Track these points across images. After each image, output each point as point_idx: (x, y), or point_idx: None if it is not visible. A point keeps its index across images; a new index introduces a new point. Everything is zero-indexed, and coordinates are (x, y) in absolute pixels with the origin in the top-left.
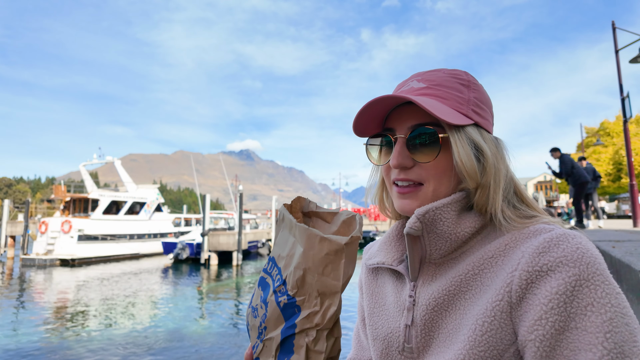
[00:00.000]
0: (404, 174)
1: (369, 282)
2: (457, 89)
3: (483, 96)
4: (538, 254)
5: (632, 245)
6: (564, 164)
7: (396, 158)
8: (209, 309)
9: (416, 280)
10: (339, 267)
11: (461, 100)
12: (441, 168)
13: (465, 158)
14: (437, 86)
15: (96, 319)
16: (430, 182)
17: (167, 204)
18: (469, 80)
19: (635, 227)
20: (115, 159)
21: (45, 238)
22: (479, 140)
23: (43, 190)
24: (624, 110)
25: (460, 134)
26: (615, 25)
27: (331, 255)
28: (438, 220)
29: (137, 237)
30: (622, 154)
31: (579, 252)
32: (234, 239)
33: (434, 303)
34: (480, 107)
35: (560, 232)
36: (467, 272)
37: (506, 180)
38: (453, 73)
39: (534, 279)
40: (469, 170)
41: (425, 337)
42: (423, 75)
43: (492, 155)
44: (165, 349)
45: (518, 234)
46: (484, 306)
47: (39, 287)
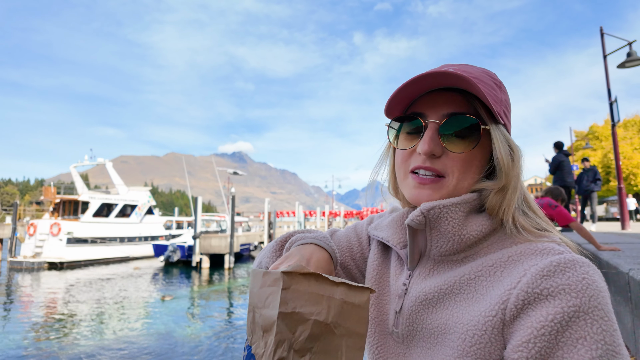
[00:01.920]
0: (430, 162)
1: (378, 254)
2: (493, 87)
3: (509, 99)
4: (541, 277)
5: (620, 247)
6: (552, 163)
7: (428, 143)
8: (200, 313)
9: (413, 270)
10: (277, 296)
11: (497, 99)
12: (470, 161)
13: (505, 153)
14: (476, 79)
15: (85, 322)
16: (454, 174)
17: (158, 206)
18: (500, 82)
19: (624, 230)
20: (106, 160)
21: (33, 241)
22: (511, 140)
23: (32, 192)
24: (612, 114)
25: (499, 129)
26: (604, 30)
27: (271, 286)
28: (443, 219)
29: (127, 240)
30: (610, 157)
31: (584, 283)
32: (226, 242)
33: (422, 297)
34: (508, 110)
35: (570, 258)
36: (463, 275)
37: (521, 184)
38: (486, 71)
39: (531, 301)
40: (506, 166)
41: (410, 327)
42: (458, 67)
43: (518, 156)
44: (156, 353)
45: (525, 248)
46: (476, 317)
47: (26, 290)
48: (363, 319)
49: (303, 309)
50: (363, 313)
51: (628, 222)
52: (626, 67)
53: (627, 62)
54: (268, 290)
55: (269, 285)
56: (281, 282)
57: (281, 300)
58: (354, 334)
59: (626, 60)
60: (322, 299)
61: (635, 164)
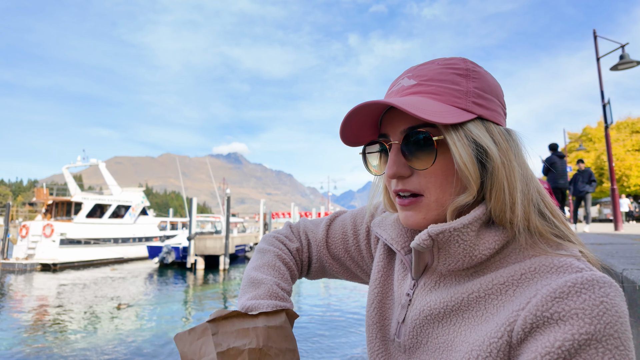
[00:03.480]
0: (402, 184)
1: (383, 255)
2: (453, 81)
3: (486, 84)
4: (553, 299)
5: (613, 248)
6: (544, 164)
7: (390, 167)
8: (195, 314)
9: (418, 280)
10: (210, 342)
11: (458, 94)
12: (443, 174)
13: (468, 160)
14: (428, 81)
15: (77, 324)
16: (431, 191)
17: (152, 207)
18: (467, 69)
19: (617, 231)
20: (100, 161)
21: (25, 242)
22: (481, 137)
23: (25, 193)
24: (605, 116)
25: (459, 132)
26: (597, 33)
27: (201, 337)
28: (454, 242)
29: (121, 241)
30: (603, 159)
31: (602, 308)
32: (221, 243)
33: (427, 311)
34: (482, 97)
35: (588, 277)
36: (472, 292)
37: (525, 180)
38: (448, 63)
39: (540, 325)
40: (472, 172)
41: (413, 339)
42: (414, 71)
43: (502, 151)
44: (151, 355)
45: (540, 264)
46: (482, 338)
47: (18, 292)
48: (289, 337)
49: (235, 343)
50: (287, 332)
51: (621, 223)
52: (619, 70)
53: (620, 65)
54: (199, 342)
55: (198, 338)
56: (209, 330)
57: (215, 344)
58: (286, 351)
59: (619, 62)
60: (248, 331)
61: (628, 165)
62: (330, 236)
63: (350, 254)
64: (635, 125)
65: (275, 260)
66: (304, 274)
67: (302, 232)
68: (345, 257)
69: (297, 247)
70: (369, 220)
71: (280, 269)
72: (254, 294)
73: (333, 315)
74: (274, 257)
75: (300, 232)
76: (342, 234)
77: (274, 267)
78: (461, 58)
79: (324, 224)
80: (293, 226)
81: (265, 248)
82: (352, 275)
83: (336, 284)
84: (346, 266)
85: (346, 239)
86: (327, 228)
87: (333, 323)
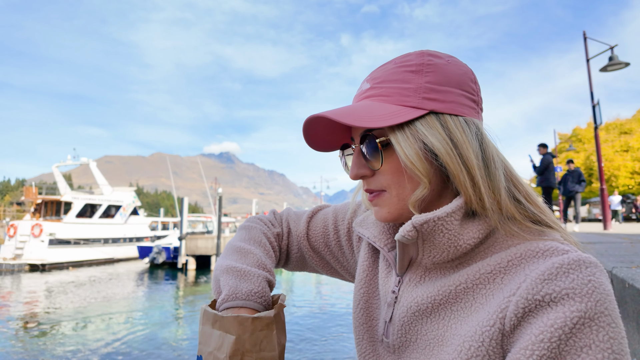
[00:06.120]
0: (366, 183)
1: (368, 254)
2: (403, 80)
3: (443, 76)
4: (542, 281)
5: (602, 247)
6: (541, 163)
7: (352, 169)
8: (186, 315)
9: (402, 276)
10: (273, 339)
11: (407, 92)
12: (395, 172)
13: (414, 156)
14: (380, 84)
15: (66, 325)
16: (391, 187)
17: (143, 207)
18: (421, 64)
19: (605, 230)
20: (90, 160)
21: (13, 242)
22: (426, 133)
23: (13, 193)
24: (595, 117)
25: (404, 132)
26: (587, 35)
27: (264, 330)
28: (438, 232)
29: (112, 241)
30: (593, 159)
31: (590, 286)
32: (212, 243)
33: (415, 307)
34: (436, 91)
35: (575, 258)
36: (459, 284)
37: (486, 167)
38: (403, 61)
39: (532, 309)
40: (421, 169)
41: (402, 338)
42: (372, 74)
43: (454, 142)
44: (140, 356)
45: (525, 250)
46: (474, 328)
47: (5, 293)
48: (279, 335)
49: None
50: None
51: (610, 223)
52: (608, 71)
53: (609, 66)
54: (260, 334)
55: (260, 330)
56: (274, 326)
57: (277, 343)
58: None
59: (608, 64)
60: None
61: (617, 166)
62: (311, 229)
63: (331, 249)
64: (623, 126)
65: (262, 237)
66: (282, 263)
67: (285, 220)
68: (326, 252)
69: (279, 232)
70: (351, 217)
71: (266, 246)
72: (243, 260)
73: (322, 318)
74: (260, 233)
75: (282, 220)
76: (323, 227)
77: (260, 242)
78: (419, 52)
79: (306, 216)
80: (277, 213)
81: (250, 225)
82: (332, 270)
83: (331, 283)
84: (326, 260)
85: (327, 234)
86: (309, 220)
87: (325, 324)
